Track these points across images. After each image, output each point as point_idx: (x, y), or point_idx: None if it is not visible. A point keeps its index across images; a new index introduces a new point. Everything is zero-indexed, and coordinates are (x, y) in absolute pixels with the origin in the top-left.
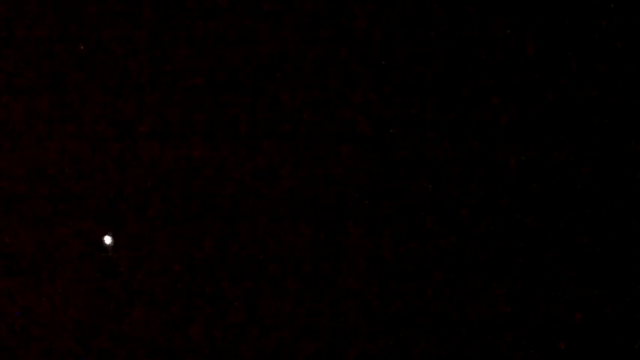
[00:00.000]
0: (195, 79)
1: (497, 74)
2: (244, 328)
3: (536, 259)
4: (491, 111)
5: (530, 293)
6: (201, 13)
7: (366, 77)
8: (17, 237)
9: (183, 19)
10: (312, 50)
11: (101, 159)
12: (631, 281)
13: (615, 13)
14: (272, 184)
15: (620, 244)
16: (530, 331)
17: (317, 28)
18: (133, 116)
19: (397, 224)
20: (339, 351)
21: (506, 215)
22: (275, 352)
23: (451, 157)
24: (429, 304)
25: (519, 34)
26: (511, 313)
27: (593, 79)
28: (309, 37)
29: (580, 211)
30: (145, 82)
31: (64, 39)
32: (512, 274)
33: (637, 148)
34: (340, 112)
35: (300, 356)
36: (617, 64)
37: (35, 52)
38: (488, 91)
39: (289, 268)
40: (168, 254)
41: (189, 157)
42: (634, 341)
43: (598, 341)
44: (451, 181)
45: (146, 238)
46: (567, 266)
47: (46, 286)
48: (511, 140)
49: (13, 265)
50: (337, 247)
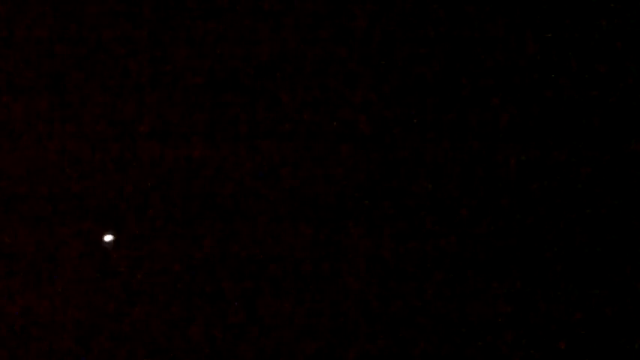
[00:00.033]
0: (195, 79)
1: (497, 74)
2: (244, 328)
3: (536, 259)
4: (492, 111)
5: (530, 293)
6: (201, 13)
7: (366, 77)
8: (17, 237)
9: (183, 19)
10: (312, 50)
11: (101, 159)
12: (631, 281)
13: (615, 13)
14: (272, 184)
15: (620, 244)
16: (530, 331)
17: (317, 28)
18: (133, 116)
19: (397, 224)
20: (339, 351)
21: (506, 215)
22: (275, 352)
23: (451, 157)
24: (429, 304)
25: (519, 34)
26: (511, 313)
27: (593, 79)
28: (309, 37)
29: (580, 211)
30: (145, 82)
31: (64, 39)
32: (512, 274)
33: (637, 148)
34: (340, 112)
35: (300, 356)
36: (617, 64)
37: (35, 52)
38: (488, 91)
39: (289, 268)
40: (169, 254)
41: (189, 157)
42: (634, 341)
43: (598, 341)
44: (451, 181)
45: (146, 238)
46: (567, 266)
47: (46, 286)
48: (511, 140)
49: (13, 265)
50: (337, 247)
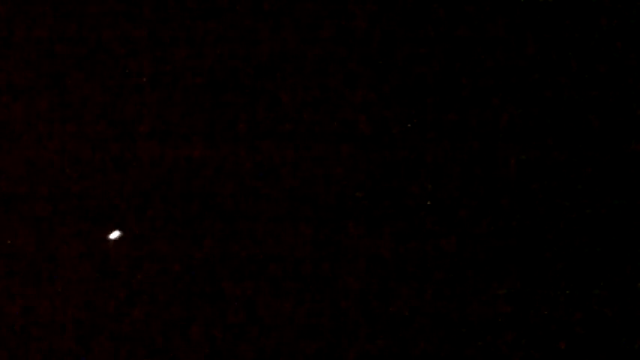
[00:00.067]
0: (196, 79)
1: (497, 74)
2: (244, 328)
3: (536, 259)
4: (492, 111)
5: (530, 293)
6: (201, 13)
7: (366, 77)
8: (17, 237)
9: (183, 19)
10: (312, 50)
11: (101, 159)
12: (631, 281)
13: (615, 13)
14: (272, 184)
15: (620, 244)
16: (530, 331)
17: (317, 28)
18: (133, 116)
19: (397, 224)
20: (339, 351)
21: (506, 215)
22: (275, 352)
23: (451, 157)
24: (429, 304)
25: (519, 34)
26: (511, 313)
27: (593, 79)
28: (309, 37)
29: (580, 211)
30: (145, 82)
31: (64, 39)
32: (512, 274)
33: (637, 148)
34: (340, 112)
35: (300, 356)
36: (617, 64)
37: (35, 52)
38: (488, 91)
39: (289, 268)
40: (169, 254)
41: (189, 157)
42: (634, 341)
43: (598, 341)
44: (451, 181)
45: (146, 238)
46: (567, 266)
47: (46, 286)
48: (511, 140)
49: (13, 265)
50: (337, 247)
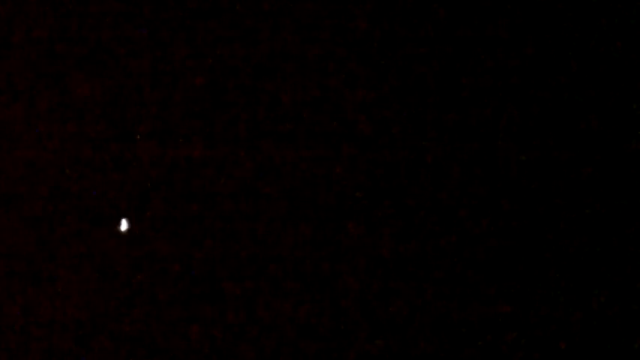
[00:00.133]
0: (195, 79)
1: (497, 74)
2: (244, 328)
3: (536, 259)
4: (492, 111)
5: (530, 293)
6: (201, 13)
7: (366, 77)
8: (17, 237)
9: (183, 19)
10: (312, 50)
11: (101, 159)
12: (631, 281)
13: (615, 13)
14: (272, 184)
15: (620, 244)
16: (530, 331)
17: (317, 28)
18: (133, 116)
19: (397, 224)
20: (339, 351)
21: (506, 215)
22: (275, 352)
23: (451, 157)
24: (429, 304)
25: (519, 34)
26: (511, 313)
27: (593, 79)
28: (309, 37)
29: (580, 211)
30: (145, 82)
31: (64, 39)
32: (512, 274)
33: (637, 148)
34: (340, 112)
35: (300, 356)
36: (617, 64)
37: (35, 52)
38: (488, 91)
39: (289, 268)
40: (169, 254)
41: (189, 157)
42: (634, 341)
43: (598, 341)
44: (451, 181)
45: (146, 238)
46: (567, 266)
47: (46, 286)
48: (511, 140)
49: (13, 265)
50: (337, 247)
